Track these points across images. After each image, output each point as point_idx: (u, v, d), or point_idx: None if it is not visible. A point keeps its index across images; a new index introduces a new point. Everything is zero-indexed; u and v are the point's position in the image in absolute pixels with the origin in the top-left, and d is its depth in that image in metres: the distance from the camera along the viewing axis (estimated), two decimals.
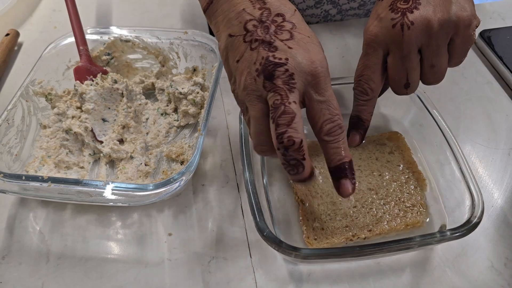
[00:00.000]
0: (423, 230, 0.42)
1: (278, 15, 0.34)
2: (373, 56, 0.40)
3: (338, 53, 0.62)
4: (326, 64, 0.34)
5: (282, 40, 0.33)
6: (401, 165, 0.46)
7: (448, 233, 0.36)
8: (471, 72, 0.59)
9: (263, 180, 0.45)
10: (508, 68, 0.57)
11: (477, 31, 0.61)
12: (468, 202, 0.38)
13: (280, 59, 0.32)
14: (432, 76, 0.40)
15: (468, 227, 0.36)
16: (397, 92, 0.42)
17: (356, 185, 0.37)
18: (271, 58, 0.32)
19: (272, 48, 0.33)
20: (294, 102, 0.32)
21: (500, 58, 0.58)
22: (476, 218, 0.37)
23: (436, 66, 0.39)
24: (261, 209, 0.38)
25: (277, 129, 0.32)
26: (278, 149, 0.32)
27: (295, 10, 0.35)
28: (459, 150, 0.42)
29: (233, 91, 0.36)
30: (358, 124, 0.42)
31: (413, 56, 0.39)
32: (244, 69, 0.34)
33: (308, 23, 0.64)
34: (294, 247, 0.35)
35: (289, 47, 0.33)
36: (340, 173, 0.34)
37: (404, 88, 0.41)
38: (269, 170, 0.47)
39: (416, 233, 0.41)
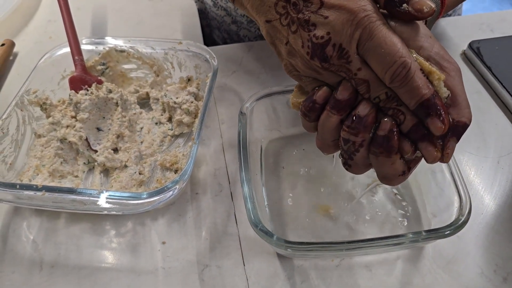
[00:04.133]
0: None
1: None
2: None
3: None
4: (366, 7, 0.31)
5: (315, 12, 0.32)
6: None
7: (436, 231, 0.37)
8: None
9: (261, 179, 0.46)
10: (497, 78, 0.58)
11: (466, 42, 0.63)
12: (456, 204, 0.39)
13: (323, 37, 0.32)
14: None
15: (455, 226, 0.37)
16: None
17: (446, 121, 0.31)
18: (314, 40, 0.32)
19: (311, 27, 0.32)
20: (359, 69, 0.32)
21: (489, 69, 0.59)
22: (464, 217, 0.37)
23: None
24: (254, 202, 0.38)
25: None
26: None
27: None
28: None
29: (285, 65, 0.36)
30: None
31: None
32: (296, 53, 0.34)
33: None
34: (286, 240, 0.36)
35: (325, 17, 0.32)
36: (422, 113, 0.31)
37: None
38: (267, 169, 0.48)
39: None
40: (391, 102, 0.32)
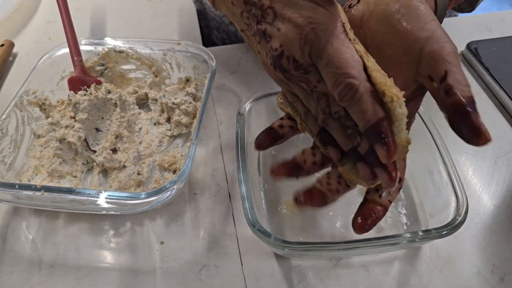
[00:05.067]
0: None
1: None
2: None
3: None
4: (312, 17, 0.30)
5: (270, 24, 0.31)
6: None
7: (433, 231, 0.37)
8: None
9: (259, 179, 0.47)
10: (494, 78, 0.58)
11: (464, 43, 0.63)
12: (453, 204, 0.39)
13: (277, 49, 0.31)
14: None
15: (452, 226, 0.37)
16: None
17: (391, 150, 0.28)
18: (272, 52, 0.32)
19: (268, 38, 0.32)
20: (319, 81, 0.31)
21: (487, 69, 0.59)
22: (461, 218, 0.38)
23: None
24: (252, 202, 0.39)
25: (324, 111, 0.33)
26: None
27: None
28: (448, 156, 0.42)
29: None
30: None
31: None
32: (266, 63, 0.34)
33: None
34: (283, 240, 0.36)
35: (278, 29, 0.31)
36: (370, 138, 0.29)
37: None
38: (265, 170, 0.48)
39: None
40: (350, 121, 0.31)
